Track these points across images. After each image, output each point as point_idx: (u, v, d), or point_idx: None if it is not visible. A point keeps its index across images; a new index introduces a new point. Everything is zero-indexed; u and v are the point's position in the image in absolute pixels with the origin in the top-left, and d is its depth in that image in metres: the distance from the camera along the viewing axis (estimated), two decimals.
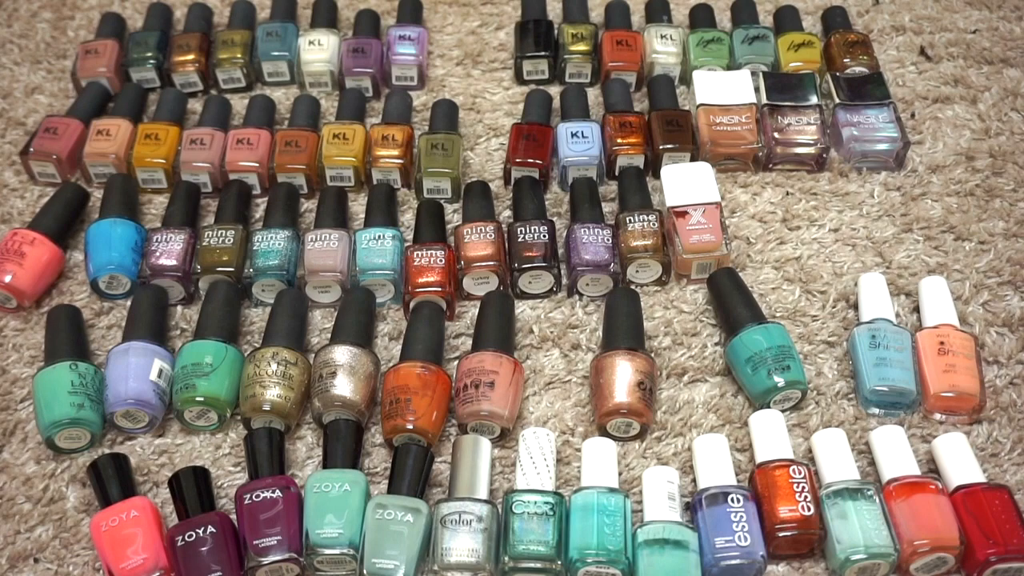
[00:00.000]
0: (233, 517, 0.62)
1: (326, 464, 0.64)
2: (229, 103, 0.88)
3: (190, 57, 0.90)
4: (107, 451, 0.67)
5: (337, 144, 0.81)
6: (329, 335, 0.71)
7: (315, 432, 0.68)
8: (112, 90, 0.90)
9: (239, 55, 0.89)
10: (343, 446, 0.65)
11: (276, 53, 0.89)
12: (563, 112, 0.85)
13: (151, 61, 0.90)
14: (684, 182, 0.75)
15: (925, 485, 0.61)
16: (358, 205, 0.81)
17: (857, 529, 0.59)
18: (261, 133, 0.82)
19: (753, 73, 0.86)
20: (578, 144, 0.81)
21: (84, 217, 0.81)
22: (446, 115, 0.84)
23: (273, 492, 0.61)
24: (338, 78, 0.90)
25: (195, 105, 0.89)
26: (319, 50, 0.89)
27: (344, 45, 0.90)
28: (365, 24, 0.92)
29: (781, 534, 0.60)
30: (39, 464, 0.67)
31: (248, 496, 0.61)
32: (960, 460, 0.63)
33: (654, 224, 0.75)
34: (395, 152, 0.81)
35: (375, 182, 0.82)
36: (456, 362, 0.70)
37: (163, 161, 0.81)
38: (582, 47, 0.89)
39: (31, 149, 0.82)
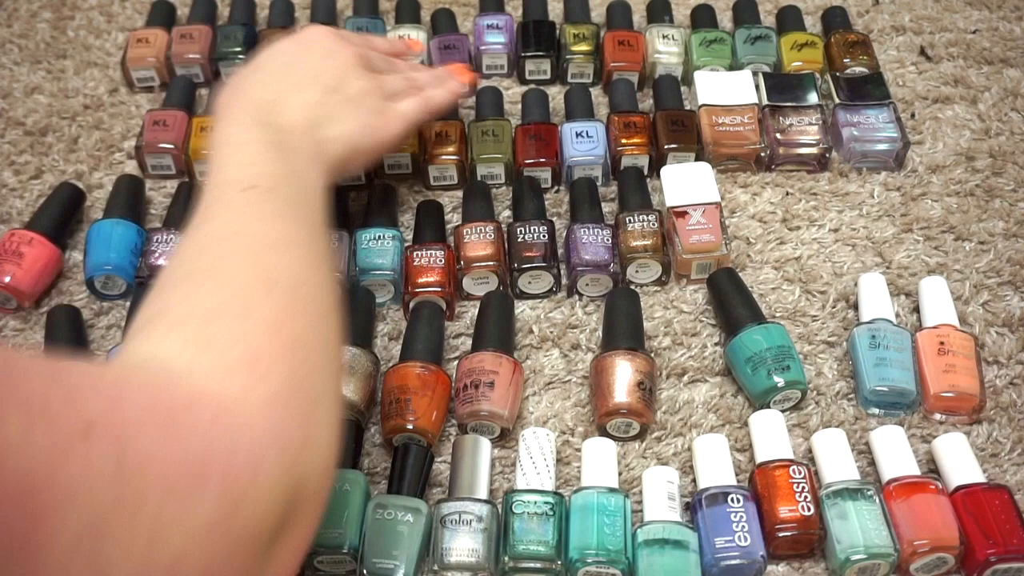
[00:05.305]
0: None
1: None
2: None
3: None
4: None
5: None
6: None
7: None
8: (203, 77, 0.91)
9: None
10: (343, 446, 0.65)
11: None
12: (567, 112, 0.85)
13: (241, 56, 0.90)
14: (684, 182, 0.75)
15: (925, 485, 0.61)
16: (357, 205, 0.81)
17: (857, 529, 0.59)
18: None
19: (753, 73, 0.86)
20: (583, 144, 0.81)
21: (82, 217, 0.81)
22: (492, 101, 0.85)
23: None
24: None
25: None
26: None
27: (433, 43, 0.90)
28: (446, 22, 0.93)
29: (781, 534, 0.60)
30: None
31: None
32: (960, 460, 0.63)
33: (654, 224, 0.75)
34: (451, 148, 0.81)
35: (431, 179, 0.82)
36: (456, 362, 0.70)
37: None
38: (584, 47, 0.89)
39: (143, 143, 0.82)
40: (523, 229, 0.75)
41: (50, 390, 0.35)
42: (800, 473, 0.62)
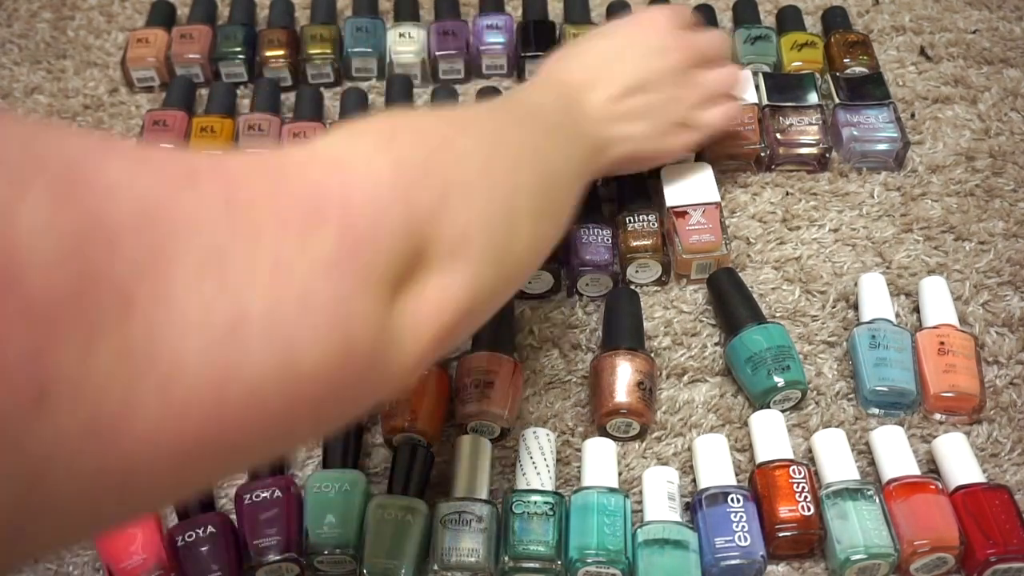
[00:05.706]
0: (233, 517, 0.62)
1: (326, 464, 0.64)
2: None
3: (280, 52, 0.90)
4: None
5: None
6: None
7: None
8: (203, 77, 0.91)
9: (329, 51, 0.90)
10: (343, 446, 0.65)
11: (366, 49, 0.90)
12: None
13: (240, 56, 0.90)
14: (684, 182, 0.75)
15: (925, 485, 0.61)
16: None
17: (857, 529, 0.59)
18: (316, 126, 0.83)
19: (753, 73, 0.86)
20: None
21: None
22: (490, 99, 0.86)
23: (273, 492, 0.61)
24: (428, 69, 0.90)
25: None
26: (409, 42, 0.90)
27: (433, 28, 0.91)
28: (449, 9, 0.93)
29: (781, 534, 0.60)
30: None
31: (248, 496, 0.61)
32: (960, 460, 0.63)
33: (654, 224, 0.75)
34: None
35: None
36: (456, 362, 0.70)
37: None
38: None
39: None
40: None
41: (147, 147, 0.35)
42: (800, 473, 0.62)
